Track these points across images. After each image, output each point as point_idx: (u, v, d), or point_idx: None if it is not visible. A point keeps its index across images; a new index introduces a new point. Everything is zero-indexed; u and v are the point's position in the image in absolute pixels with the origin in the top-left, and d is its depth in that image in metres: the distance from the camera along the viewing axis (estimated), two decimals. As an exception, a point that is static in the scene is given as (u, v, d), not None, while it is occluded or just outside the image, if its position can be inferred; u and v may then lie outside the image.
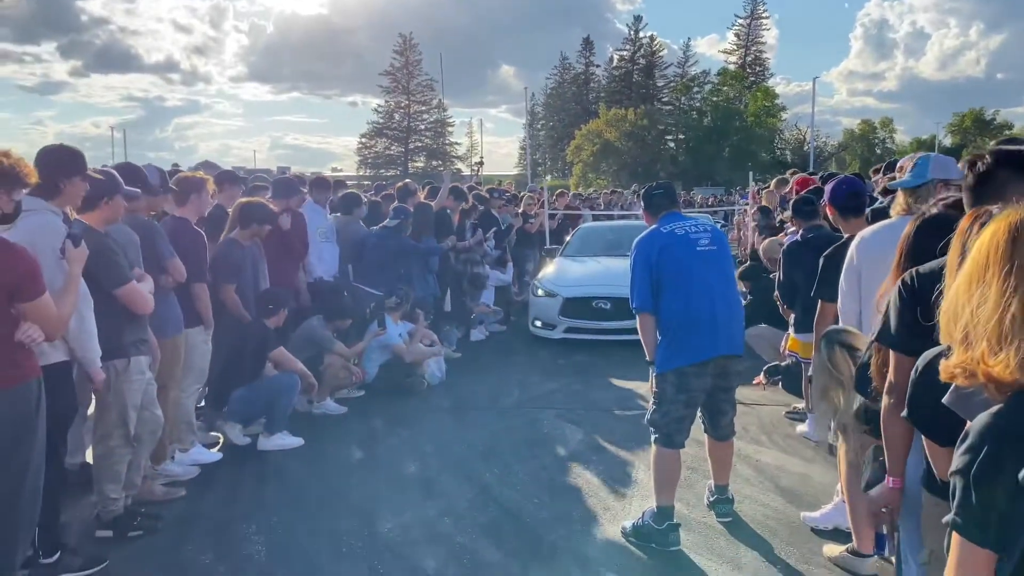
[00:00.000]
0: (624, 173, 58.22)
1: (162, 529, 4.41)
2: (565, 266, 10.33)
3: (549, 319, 9.31)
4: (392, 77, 74.72)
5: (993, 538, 1.41)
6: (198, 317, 5.26)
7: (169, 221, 5.15)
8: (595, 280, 9.50)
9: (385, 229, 7.90)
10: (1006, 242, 1.44)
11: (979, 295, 1.43)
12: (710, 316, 4.15)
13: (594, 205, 20.81)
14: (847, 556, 3.85)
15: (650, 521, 4.19)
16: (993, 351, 1.39)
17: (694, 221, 4.44)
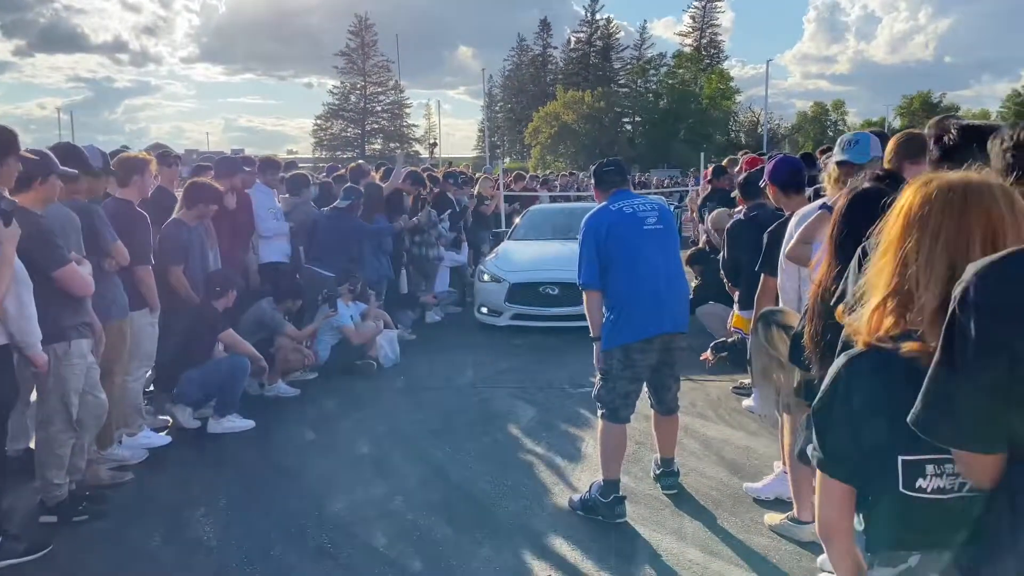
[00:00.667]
0: (582, 155, 58.29)
1: (108, 513, 4.37)
2: (512, 250, 10.06)
3: (495, 305, 9.05)
4: (348, 58, 73.66)
5: (841, 471, 1.58)
6: (143, 300, 5.19)
7: (111, 203, 5.06)
8: (543, 265, 9.22)
9: (336, 210, 7.84)
10: (904, 215, 1.53)
11: (878, 262, 1.55)
12: (655, 294, 4.24)
13: (551, 187, 20.89)
14: (787, 523, 3.98)
15: (596, 494, 4.28)
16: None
17: (642, 200, 4.49)
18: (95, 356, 4.42)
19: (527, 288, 8.88)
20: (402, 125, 76.05)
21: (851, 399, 1.52)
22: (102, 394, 4.45)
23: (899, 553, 1.55)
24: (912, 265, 1.46)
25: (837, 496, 1.59)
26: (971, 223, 1.44)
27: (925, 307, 1.43)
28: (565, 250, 9.25)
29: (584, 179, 22.72)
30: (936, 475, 1.48)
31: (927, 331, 1.43)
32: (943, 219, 1.45)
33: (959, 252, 1.42)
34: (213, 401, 5.78)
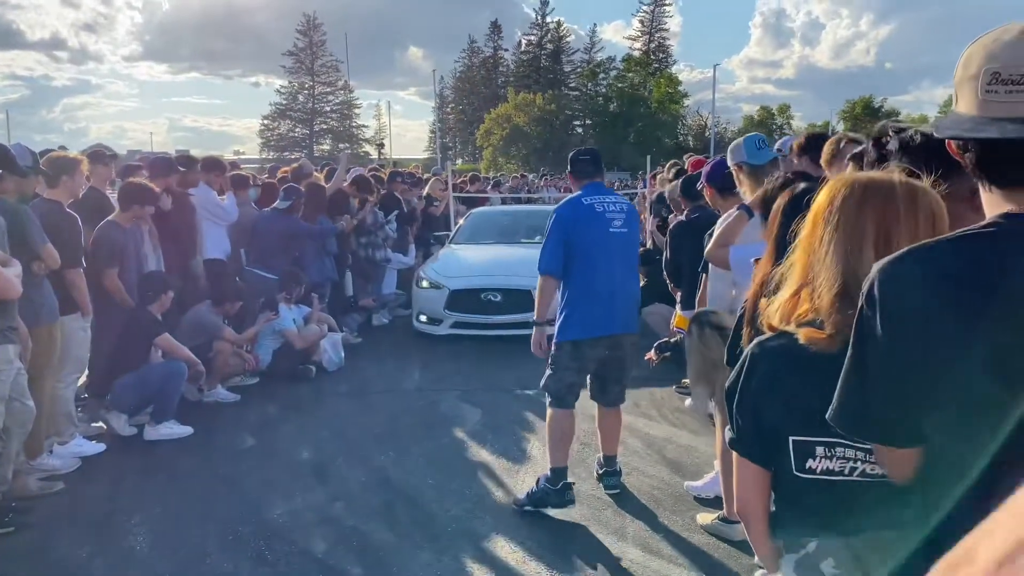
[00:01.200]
0: (533, 157, 58.47)
1: (36, 524, 4.23)
2: (454, 255, 9.68)
3: (434, 313, 8.59)
4: (296, 58, 72.65)
5: (749, 450, 1.64)
6: (74, 304, 5.03)
7: (39, 203, 4.90)
8: (485, 270, 8.84)
9: (275, 211, 7.71)
10: (815, 210, 1.61)
11: (793, 254, 1.63)
12: (609, 296, 4.35)
13: (501, 189, 20.89)
14: (718, 523, 4.03)
15: (545, 484, 4.37)
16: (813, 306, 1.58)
17: (614, 199, 4.55)
18: (22, 362, 4.27)
19: (468, 295, 8.45)
20: (351, 125, 75.24)
21: (752, 380, 1.61)
22: (30, 401, 4.30)
23: (800, 539, 1.61)
24: (814, 257, 1.56)
25: (750, 476, 1.65)
26: (866, 219, 1.51)
27: (821, 297, 1.51)
28: (508, 255, 9.30)
29: (535, 180, 22.76)
30: (826, 457, 1.54)
31: (825, 318, 1.50)
32: (841, 214, 1.53)
33: (853, 246, 1.50)
34: (149, 408, 5.64)
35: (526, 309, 7.40)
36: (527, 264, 8.41)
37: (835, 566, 1.55)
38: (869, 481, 1.53)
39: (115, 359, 5.59)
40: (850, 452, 1.53)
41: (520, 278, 8.03)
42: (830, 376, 1.46)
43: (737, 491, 1.70)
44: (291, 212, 7.66)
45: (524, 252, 8.93)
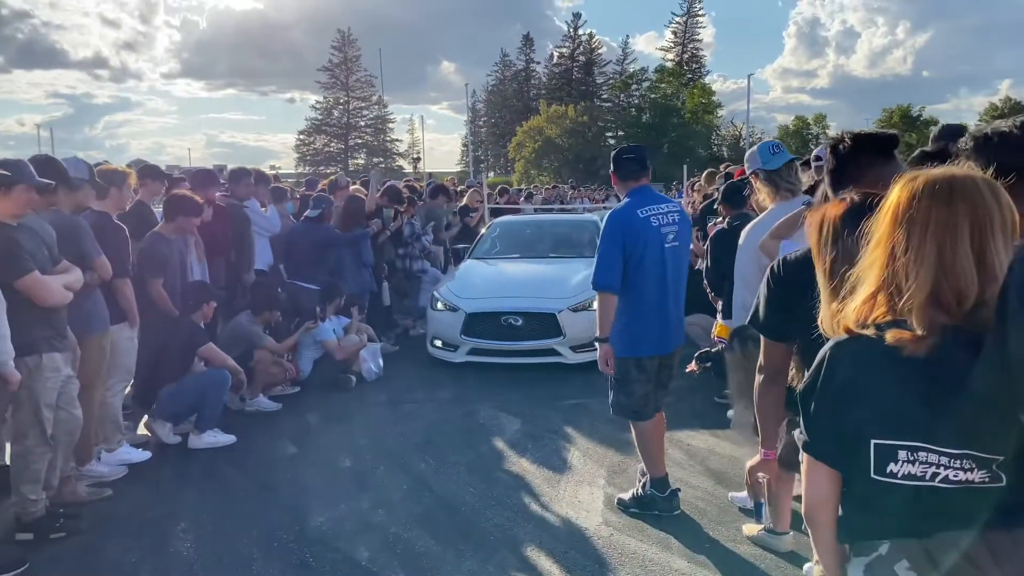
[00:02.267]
0: (566, 169, 58.54)
1: (86, 530, 4.30)
2: (472, 272, 8.86)
3: (449, 338, 7.80)
4: (331, 73, 73.74)
5: (824, 453, 1.61)
6: (123, 314, 5.13)
7: (89, 215, 5.00)
8: (505, 290, 8.07)
9: (307, 220, 7.81)
10: (892, 210, 1.56)
11: (868, 256, 1.58)
12: (663, 313, 4.27)
13: (534, 200, 20.91)
14: (764, 535, 3.97)
15: (653, 490, 4.40)
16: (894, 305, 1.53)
17: (668, 207, 4.34)
18: (72, 370, 4.36)
19: (486, 318, 7.66)
20: (385, 140, 76.11)
21: (832, 382, 1.57)
22: (77, 410, 4.38)
23: (870, 542, 1.58)
24: (901, 258, 1.50)
25: (821, 479, 1.62)
26: (958, 214, 1.47)
27: (914, 296, 1.47)
28: (532, 272, 8.70)
29: (568, 191, 22.72)
30: (908, 461, 1.50)
31: (916, 319, 1.47)
32: (931, 211, 1.49)
33: (947, 242, 1.46)
34: (193, 416, 5.71)
35: (550, 334, 7.50)
36: (554, 283, 8.02)
37: (910, 567, 1.52)
38: (951, 488, 1.49)
39: (159, 368, 5.67)
40: (933, 457, 1.49)
41: (545, 300, 7.70)
42: (916, 378, 1.46)
43: (806, 495, 1.66)
44: (321, 220, 7.73)
45: (550, 269, 8.70)
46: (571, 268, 8.41)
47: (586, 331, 7.17)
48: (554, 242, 9.76)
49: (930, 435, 1.48)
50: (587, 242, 9.38)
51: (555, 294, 7.74)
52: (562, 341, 7.49)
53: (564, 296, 7.68)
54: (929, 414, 1.48)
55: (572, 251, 9.35)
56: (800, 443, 1.66)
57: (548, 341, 7.50)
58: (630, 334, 4.24)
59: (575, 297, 7.65)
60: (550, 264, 8.94)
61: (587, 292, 7.21)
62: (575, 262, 8.72)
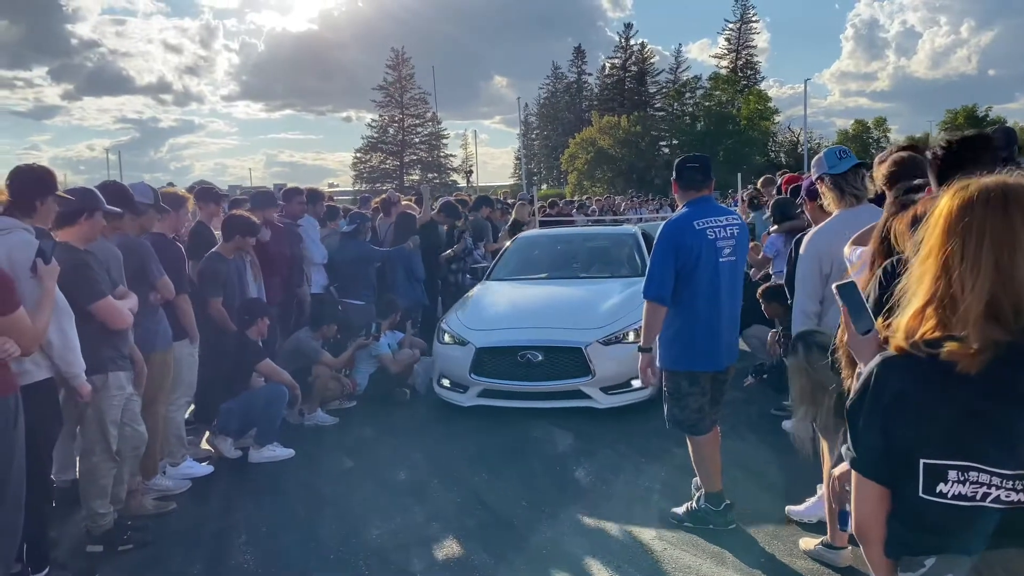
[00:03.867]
0: (619, 180, 58.35)
1: (152, 542, 4.44)
2: (486, 297, 7.66)
3: (458, 377, 6.68)
4: (385, 91, 74.91)
5: (872, 470, 1.58)
6: (183, 330, 5.30)
7: (149, 236, 5.20)
8: (523, 320, 6.88)
9: (343, 236, 7.94)
10: (943, 220, 1.51)
11: (918, 268, 1.53)
12: (714, 329, 4.20)
13: (588, 212, 20.91)
14: (821, 548, 3.90)
15: (707, 504, 4.35)
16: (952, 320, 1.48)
17: (725, 222, 4.23)
18: (136, 388, 4.53)
19: (500, 354, 6.54)
20: (439, 155, 76.86)
21: (881, 398, 1.53)
22: (141, 426, 4.54)
23: (916, 558, 1.55)
24: (955, 269, 1.45)
25: (870, 496, 1.59)
26: (1015, 223, 1.43)
27: (970, 309, 1.42)
28: (559, 297, 7.49)
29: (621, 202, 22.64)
30: (959, 481, 1.46)
31: (972, 333, 1.42)
32: (986, 221, 1.44)
33: (1005, 252, 1.42)
34: (253, 431, 5.86)
35: (576, 373, 6.39)
36: (582, 310, 6.87)
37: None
38: (1000, 508, 1.45)
39: (219, 385, 5.85)
40: (985, 477, 1.45)
41: (570, 331, 6.53)
42: (969, 396, 1.42)
43: (856, 511, 1.63)
44: (356, 236, 7.84)
45: (580, 293, 7.54)
46: (604, 291, 7.35)
47: (620, 369, 6.31)
48: (587, 259, 8.65)
49: (982, 455, 1.44)
50: (625, 259, 8.41)
51: (583, 324, 6.63)
52: (591, 381, 6.36)
53: (594, 326, 6.57)
54: (982, 434, 1.44)
55: (607, 270, 8.27)
56: (848, 459, 1.63)
57: (574, 381, 6.40)
58: (680, 346, 4.20)
59: (607, 327, 6.55)
60: (581, 286, 7.81)
61: (622, 320, 6.58)
62: (610, 283, 7.65)
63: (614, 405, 6.39)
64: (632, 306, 6.41)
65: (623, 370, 6.28)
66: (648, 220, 21.51)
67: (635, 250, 8.38)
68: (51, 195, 3.83)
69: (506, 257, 8.77)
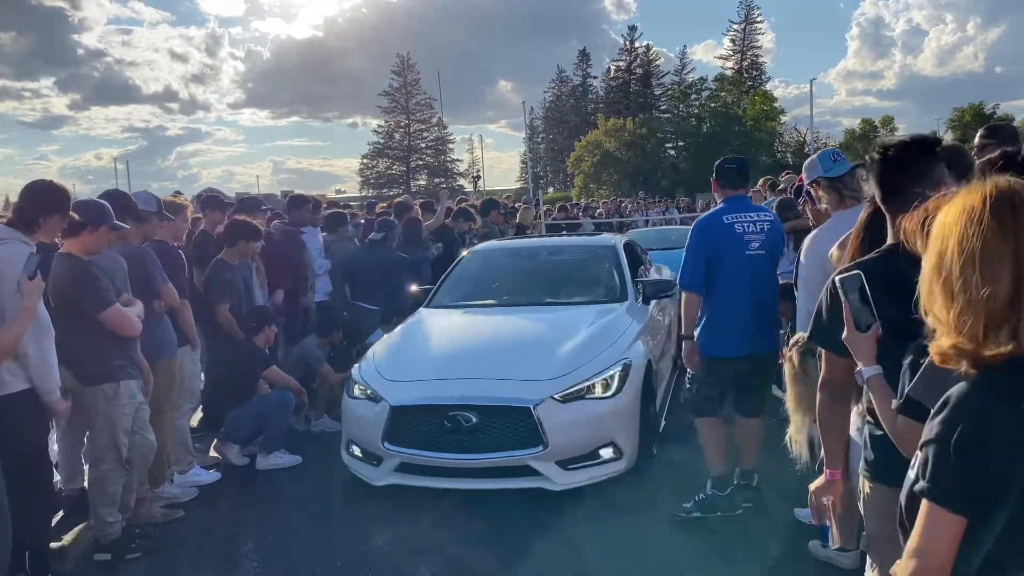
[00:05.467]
0: (625, 182, 58.26)
1: (160, 550, 4.45)
2: (418, 332, 5.94)
3: (369, 444, 4.98)
4: (391, 97, 75.09)
5: (966, 504, 1.44)
6: (184, 337, 5.32)
7: (150, 244, 5.23)
8: (456, 367, 5.13)
9: (371, 243, 7.96)
10: (997, 220, 1.41)
11: (978, 278, 1.40)
12: (742, 317, 4.38)
13: (595, 215, 20.90)
14: (830, 551, 3.87)
15: (713, 491, 4.49)
16: (992, 330, 1.39)
17: (757, 215, 4.54)
18: (144, 396, 4.54)
19: (422, 415, 4.83)
20: (446, 160, 76.99)
21: (987, 429, 1.44)
22: (150, 434, 4.55)
23: None
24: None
25: (952, 528, 1.46)
26: None
27: None
28: (509, 332, 5.77)
29: (627, 205, 22.58)
30: None
31: None
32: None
33: None
34: (260, 438, 5.87)
35: (522, 441, 4.68)
36: (535, 353, 5.16)
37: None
38: None
39: (226, 392, 5.86)
40: None
41: (517, 384, 4.81)
42: None
43: (934, 552, 1.46)
44: (384, 243, 7.87)
45: (537, 328, 5.78)
46: (570, 323, 5.61)
47: (584, 434, 4.76)
48: (553, 279, 6.79)
49: None
50: (601, 278, 6.58)
51: (534, 372, 4.89)
52: (541, 453, 4.64)
53: (548, 375, 4.84)
54: None
55: (578, 293, 6.41)
56: (924, 493, 1.48)
57: (518, 454, 4.67)
58: (705, 334, 4.46)
59: (567, 376, 4.83)
60: (541, 316, 6.03)
61: (589, 366, 4.94)
62: (579, 311, 5.91)
63: (574, 485, 4.71)
64: (604, 345, 5.23)
65: (588, 436, 4.78)
66: (655, 222, 21.48)
67: (614, 267, 6.58)
68: (57, 214, 3.84)
69: (454, 277, 6.84)
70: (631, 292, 6.17)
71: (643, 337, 5.57)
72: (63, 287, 3.99)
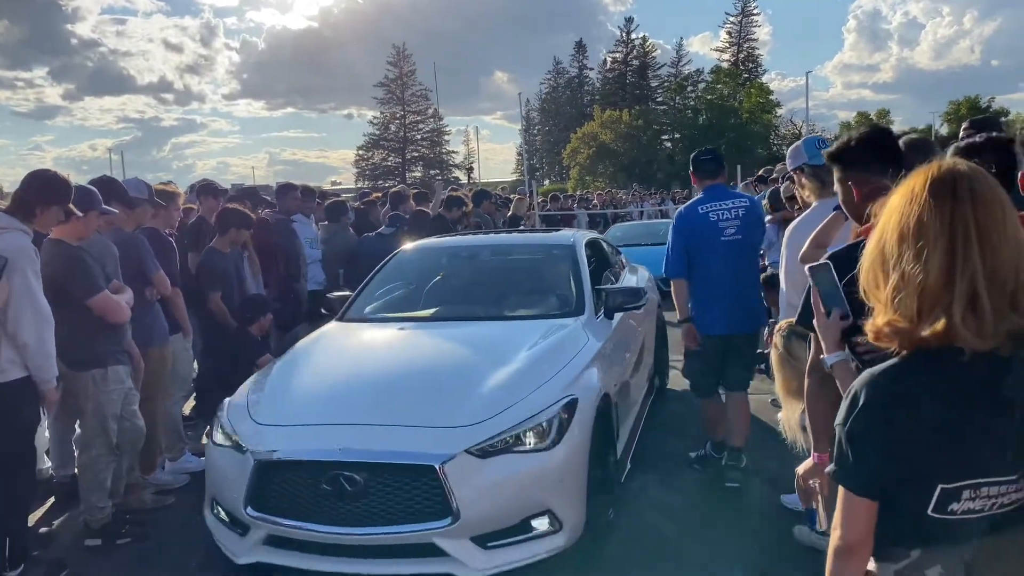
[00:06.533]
0: (621, 174, 58.25)
1: (151, 536, 4.48)
2: (311, 357, 4.68)
3: (232, 507, 3.79)
4: (387, 88, 74.84)
5: (870, 487, 1.46)
6: (176, 325, 5.33)
7: (141, 230, 5.23)
8: (344, 408, 3.88)
9: (380, 236, 7.93)
10: (934, 199, 1.42)
11: (911, 255, 1.40)
12: (720, 299, 4.72)
13: (590, 206, 20.91)
14: (816, 536, 3.90)
15: (712, 451, 5.13)
16: (927, 310, 1.38)
17: (731, 203, 4.81)
18: (134, 383, 4.55)
19: (295, 473, 3.64)
20: (441, 152, 76.88)
21: (888, 416, 1.48)
22: (140, 420, 4.57)
23: (898, 550, 1.50)
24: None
25: (865, 516, 1.48)
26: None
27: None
28: (426, 357, 4.47)
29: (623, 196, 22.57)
30: (970, 499, 1.42)
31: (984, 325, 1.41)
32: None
33: None
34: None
35: (425, 511, 3.43)
36: (451, 388, 3.92)
37: (943, 572, 1.46)
38: (1006, 511, 1.44)
39: (219, 380, 5.86)
40: (993, 489, 1.41)
41: (419, 432, 3.63)
42: (980, 409, 1.40)
43: (848, 531, 1.50)
44: (394, 238, 7.82)
45: (462, 352, 4.51)
46: (507, 344, 4.36)
47: (509, 500, 3.55)
48: (498, 285, 5.55)
49: (991, 469, 1.41)
50: (556, 285, 5.32)
51: (445, 416, 3.68)
52: (452, 528, 3.41)
53: (464, 420, 3.62)
54: (992, 447, 1.39)
55: (524, 304, 5.18)
56: (835, 476, 1.51)
57: (421, 528, 3.45)
58: (692, 315, 4.83)
59: (488, 423, 3.60)
60: (474, 334, 4.77)
61: (519, 407, 3.67)
62: (523, 329, 4.65)
63: (496, 570, 3.50)
64: (545, 376, 3.91)
65: (515, 502, 3.55)
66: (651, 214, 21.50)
67: (571, 272, 5.27)
68: (56, 205, 3.86)
69: (377, 282, 5.59)
70: (589, 304, 4.89)
71: (600, 363, 4.30)
72: (52, 273, 4.00)
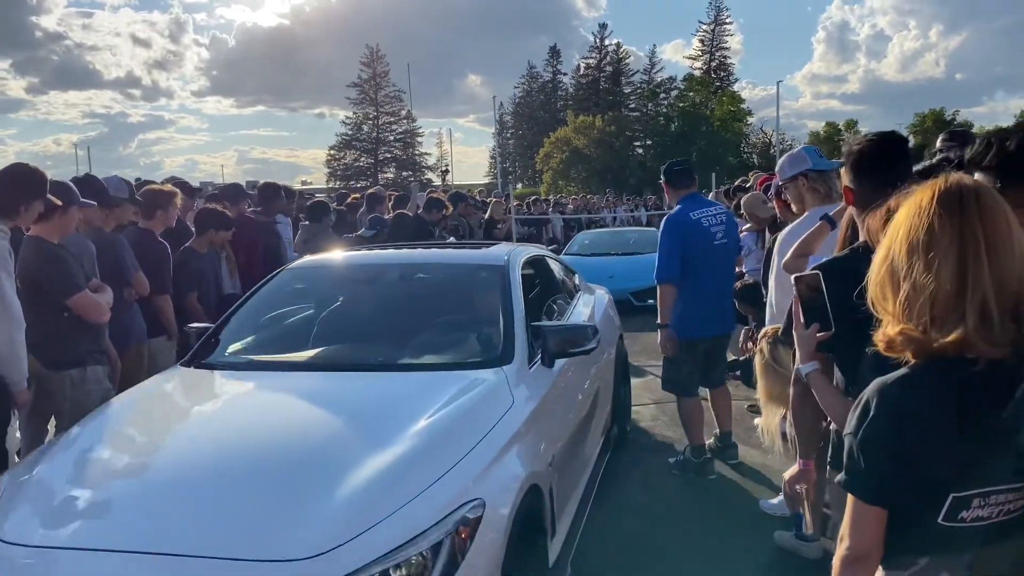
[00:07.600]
0: (594, 180, 58.50)
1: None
2: (115, 424, 3.32)
3: None
4: (360, 89, 74.43)
5: (881, 496, 1.48)
6: (162, 328, 5.26)
7: (134, 232, 5.16)
8: (119, 522, 2.39)
9: (360, 239, 7.89)
10: (944, 213, 1.44)
11: (922, 266, 1.43)
12: (711, 301, 4.97)
13: (564, 210, 20.99)
14: (794, 541, 3.97)
15: (690, 456, 5.14)
16: (940, 319, 1.41)
17: (715, 210, 5.10)
18: (112, 383, 4.48)
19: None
20: (414, 154, 76.63)
21: (900, 426, 1.49)
22: (119, 420, 4.49)
23: (906, 557, 1.52)
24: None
25: (875, 523, 1.49)
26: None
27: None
28: (290, 431, 2.95)
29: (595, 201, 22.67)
30: (980, 507, 1.44)
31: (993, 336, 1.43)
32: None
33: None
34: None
35: None
36: (309, 485, 2.45)
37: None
38: (1012, 518, 1.46)
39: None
40: (1002, 497, 1.44)
41: (238, 570, 2.15)
42: (990, 418, 1.40)
43: (855, 539, 1.50)
44: (375, 240, 7.81)
45: (334, 426, 2.99)
46: (395, 411, 3.00)
47: None
48: (400, 320, 4.11)
49: (1001, 477, 1.43)
50: (477, 323, 3.90)
51: (267, 544, 2.22)
52: None
53: (305, 548, 2.19)
54: (1001, 455, 1.41)
55: (432, 348, 3.74)
56: (843, 484, 1.53)
57: None
58: (685, 319, 4.91)
59: (342, 549, 2.20)
60: (355, 392, 3.36)
61: (391, 523, 2.29)
62: (424, 386, 3.30)
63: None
64: (437, 468, 2.55)
65: None
66: (624, 220, 21.62)
67: (500, 302, 3.84)
68: (39, 199, 3.79)
69: (249, 311, 4.25)
70: (520, 348, 3.51)
71: (530, 437, 3.10)
72: (32, 271, 3.92)
